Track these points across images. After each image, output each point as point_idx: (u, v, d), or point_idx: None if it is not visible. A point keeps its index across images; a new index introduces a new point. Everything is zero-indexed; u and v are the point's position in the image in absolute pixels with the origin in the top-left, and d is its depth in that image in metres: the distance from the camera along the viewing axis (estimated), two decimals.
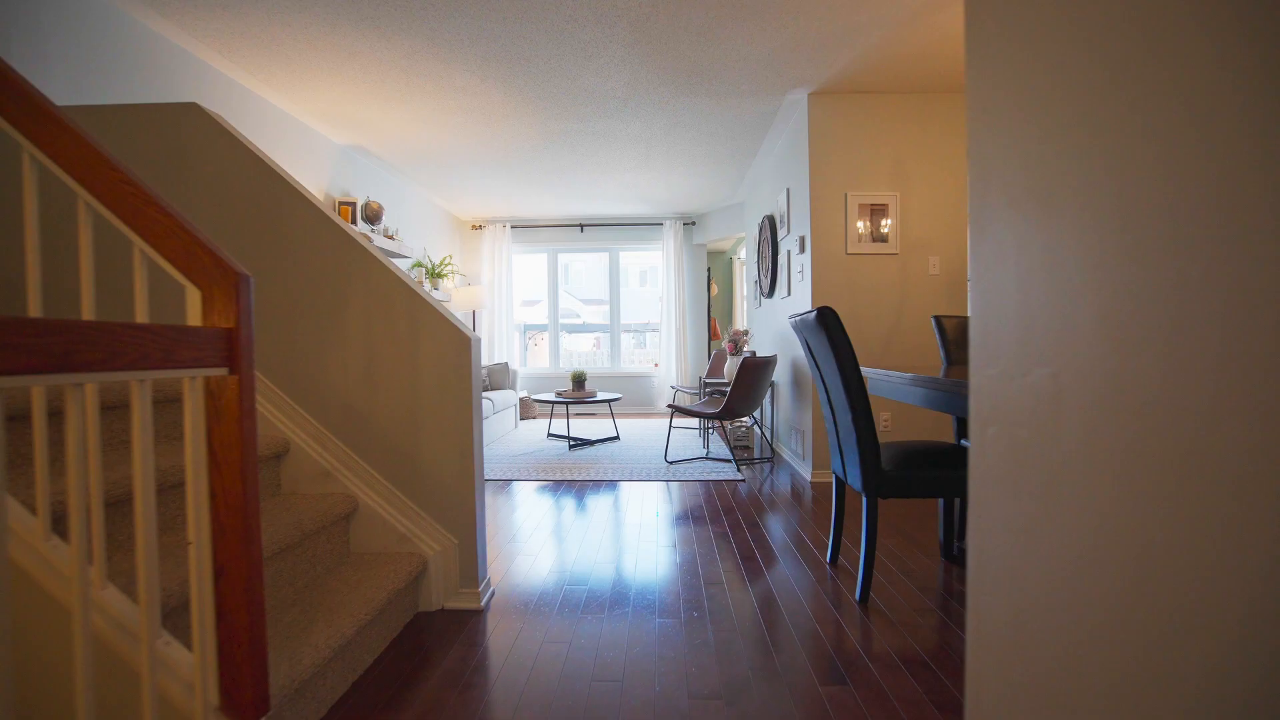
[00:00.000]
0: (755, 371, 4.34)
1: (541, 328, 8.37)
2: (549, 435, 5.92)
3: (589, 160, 5.36)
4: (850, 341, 2.04)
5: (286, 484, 2.13)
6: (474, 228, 7.82)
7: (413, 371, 2.11)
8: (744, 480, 4.12)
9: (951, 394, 1.83)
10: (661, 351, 7.84)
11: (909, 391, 2.24)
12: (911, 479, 2.06)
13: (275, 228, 2.13)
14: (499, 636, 1.96)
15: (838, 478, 2.49)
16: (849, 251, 3.97)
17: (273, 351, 2.14)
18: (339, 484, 2.12)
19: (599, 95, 3.95)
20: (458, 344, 2.10)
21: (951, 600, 2.18)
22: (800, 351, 4.33)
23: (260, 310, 2.14)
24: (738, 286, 8.76)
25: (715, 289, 8.51)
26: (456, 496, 2.13)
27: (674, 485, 4.04)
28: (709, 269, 8.04)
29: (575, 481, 4.14)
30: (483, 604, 2.16)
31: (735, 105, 4.13)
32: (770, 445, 5.14)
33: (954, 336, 2.85)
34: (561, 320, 8.40)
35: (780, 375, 4.99)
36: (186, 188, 2.12)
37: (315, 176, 4.55)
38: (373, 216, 5.14)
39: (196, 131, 2.11)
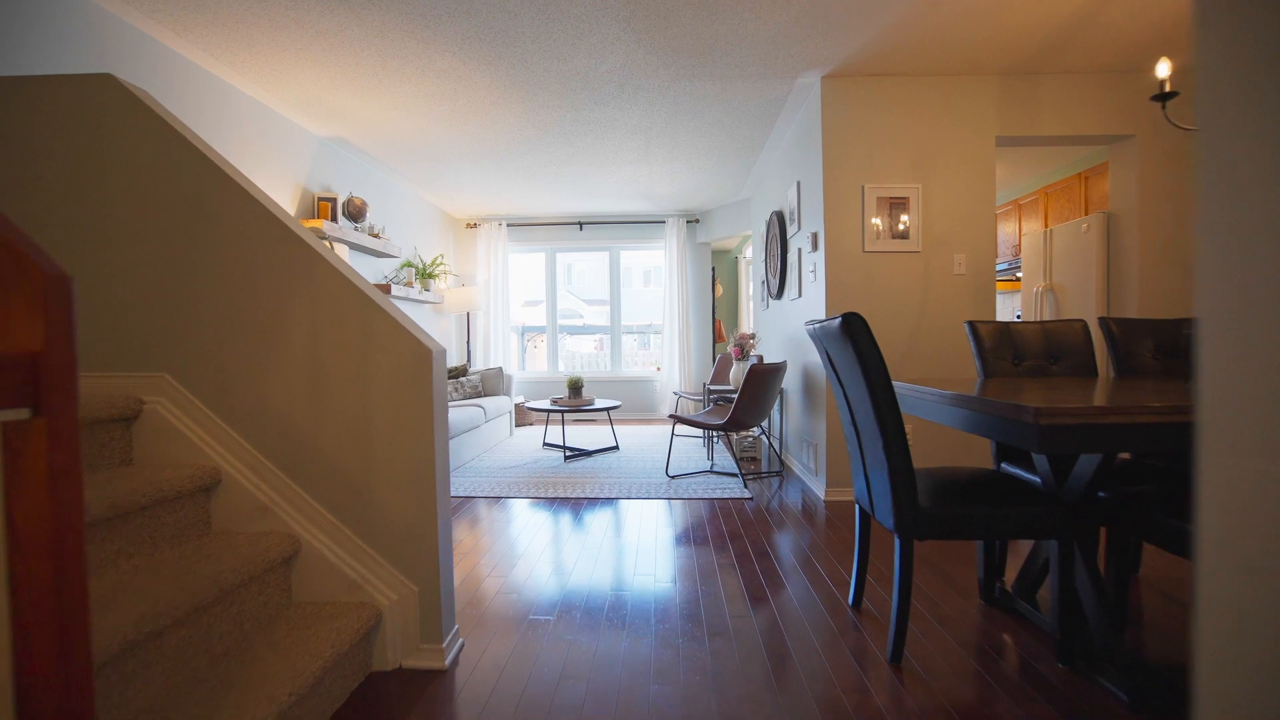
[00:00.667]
0: (764, 379, 4.01)
1: (541, 329, 8.06)
2: (544, 444, 5.61)
3: (586, 153, 5.04)
4: (882, 355, 1.72)
5: (218, 521, 1.82)
6: (468, 226, 7.51)
7: (364, 390, 1.80)
8: (751, 498, 3.80)
9: (1009, 421, 1.50)
10: (664, 355, 7.52)
11: (947, 411, 1.91)
12: (955, 518, 1.73)
13: (203, 219, 1.82)
14: (464, 706, 1.65)
15: (861, 508, 2.17)
16: (866, 249, 3.64)
17: (201, 364, 1.83)
18: (279, 521, 1.81)
19: (593, 79, 3.63)
20: (416, 358, 1.78)
21: (998, 658, 1.85)
22: (813, 357, 4.00)
23: (187, 315, 1.83)
24: (743, 287, 8.43)
25: (720, 289, 8.19)
26: (416, 537, 1.81)
27: (676, 503, 3.72)
28: (713, 269, 7.72)
29: (569, 499, 3.82)
30: (447, 662, 1.84)
31: (741, 90, 3.81)
32: (779, 457, 4.82)
33: (991, 344, 2.52)
34: (563, 322, 8.09)
35: (790, 382, 4.67)
36: (97, 171, 1.81)
37: (292, 171, 4.25)
38: (355, 213, 4.83)
39: (110, 107, 1.80)
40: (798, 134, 4.22)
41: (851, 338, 1.73)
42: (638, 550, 2.87)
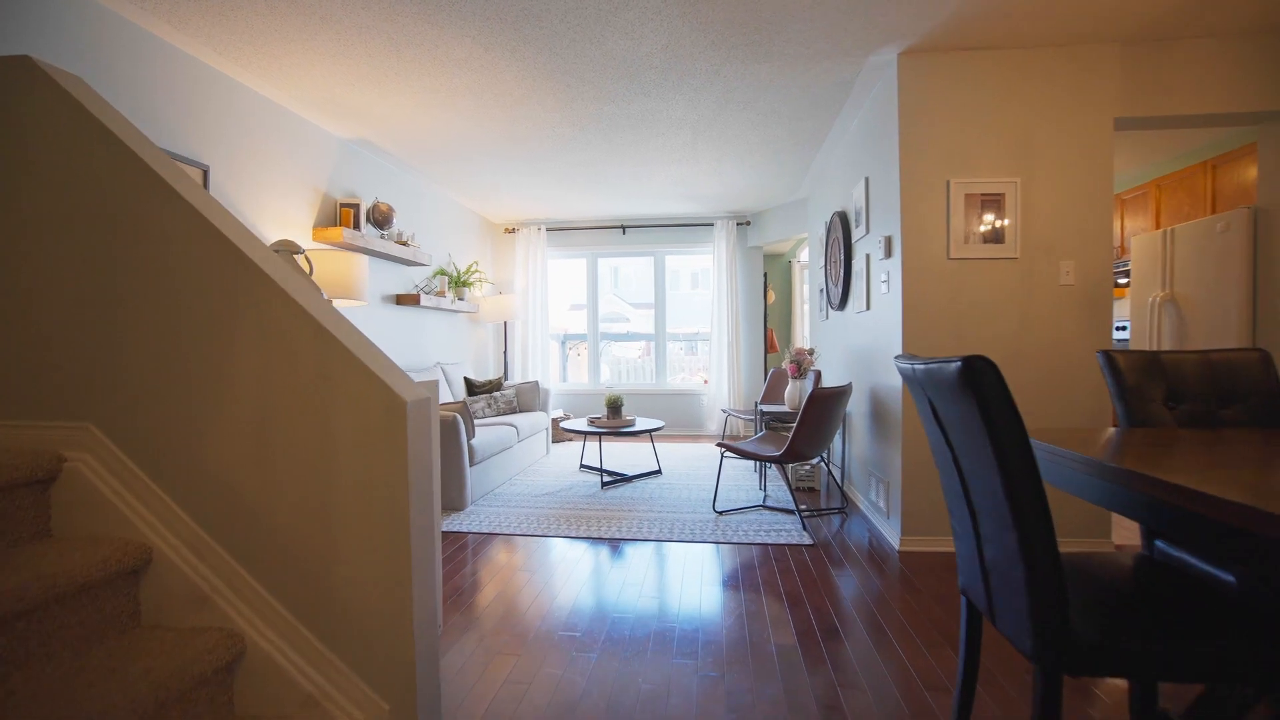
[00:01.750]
0: (826, 405, 3.49)
1: (582, 337, 7.67)
2: (581, 466, 5.20)
3: (626, 151, 4.61)
4: (1022, 422, 1.21)
5: (149, 612, 1.46)
6: (506, 231, 7.19)
7: (323, 451, 1.40)
8: (812, 544, 3.28)
9: (1234, 534, 0.98)
10: (712, 368, 7.01)
11: (1097, 488, 1.39)
12: (1130, 655, 1.20)
13: (135, 235, 1.46)
14: None
15: (969, 600, 1.65)
16: (952, 255, 3.08)
17: (132, 414, 1.47)
18: (220, 615, 1.43)
19: (631, 64, 3.19)
20: (387, 410, 1.37)
21: None
22: (883, 379, 3.46)
23: (116, 353, 1.47)
24: (797, 291, 7.85)
25: (772, 296, 7.63)
26: (389, 641, 1.40)
27: (725, 549, 3.24)
28: (765, 274, 7.18)
29: (603, 539, 3.39)
30: None
31: (802, 72, 3.30)
32: (841, 488, 4.27)
33: (1135, 380, 1.95)
34: (608, 327, 7.71)
35: (855, 404, 4.12)
36: (8, 174, 1.47)
37: (311, 175, 3.97)
38: (381, 220, 4.54)
39: (26, 97, 1.46)
40: (867, 122, 3.68)
41: (976, 392, 1.23)
42: (678, 616, 2.41)
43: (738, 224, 6.90)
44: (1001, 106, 3.04)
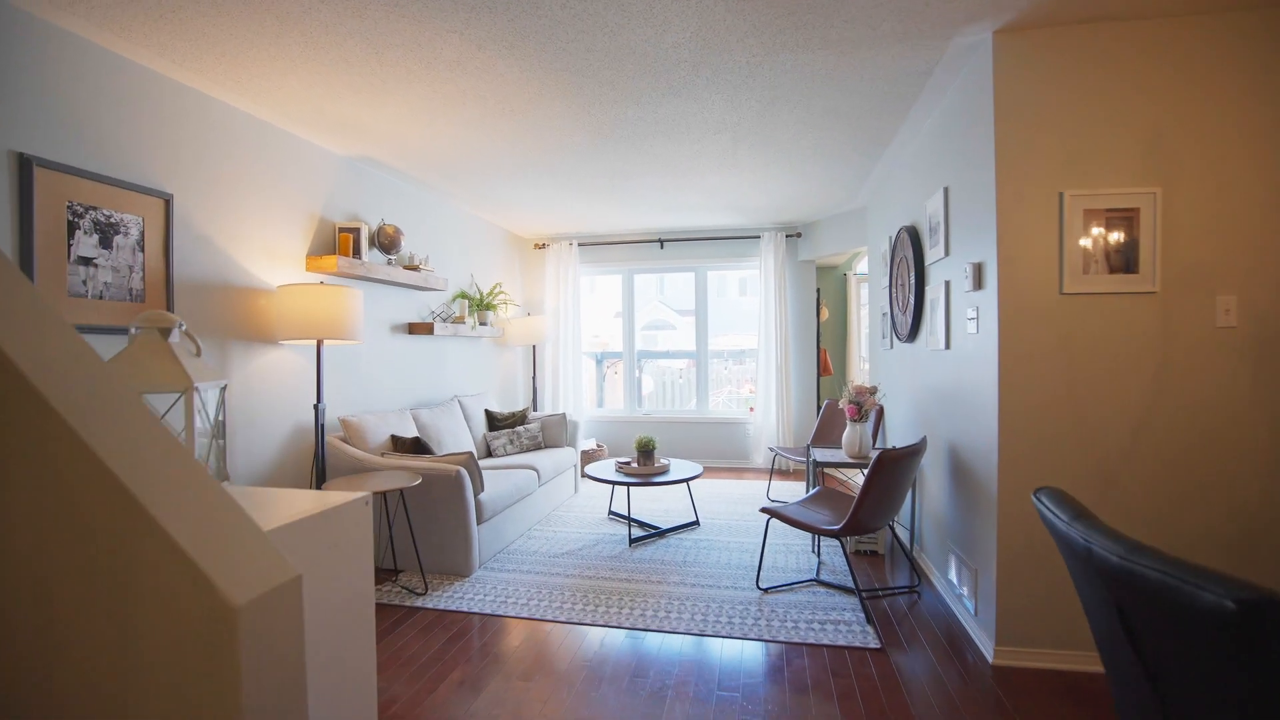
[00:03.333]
0: (896, 469, 2.84)
1: (619, 355, 7.14)
2: (610, 514, 4.65)
3: (658, 162, 4.05)
4: None
5: None
6: (536, 247, 6.74)
7: (121, 677, 0.90)
8: (879, 647, 2.64)
9: None
10: (759, 396, 6.36)
11: None
12: None
13: None
14: None
15: None
16: (1065, 290, 2.40)
17: None
18: None
19: (657, 60, 2.64)
20: (208, 620, 0.85)
21: None
22: (968, 437, 2.78)
23: None
24: (853, 306, 7.12)
25: (826, 313, 6.93)
26: None
27: (772, 648, 2.64)
28: (818, 289, 6.49)
29: (620, 628, 2.83)
30: None
31: (867, 62, 2.67)
32: (909, 554, 3.59)
33: None
34: (650, 344, 7.18)
35: (929, 458, 3.44)
36: None
37: (306, 198, 3.56)
38: (388, 244, 4.11)
39: None
40: (947, 119, 3.01)
41: (1264, 658, 0.62)
42: None
43: (787, 236, 6.24)
44: (1133, 95, 2.35)
